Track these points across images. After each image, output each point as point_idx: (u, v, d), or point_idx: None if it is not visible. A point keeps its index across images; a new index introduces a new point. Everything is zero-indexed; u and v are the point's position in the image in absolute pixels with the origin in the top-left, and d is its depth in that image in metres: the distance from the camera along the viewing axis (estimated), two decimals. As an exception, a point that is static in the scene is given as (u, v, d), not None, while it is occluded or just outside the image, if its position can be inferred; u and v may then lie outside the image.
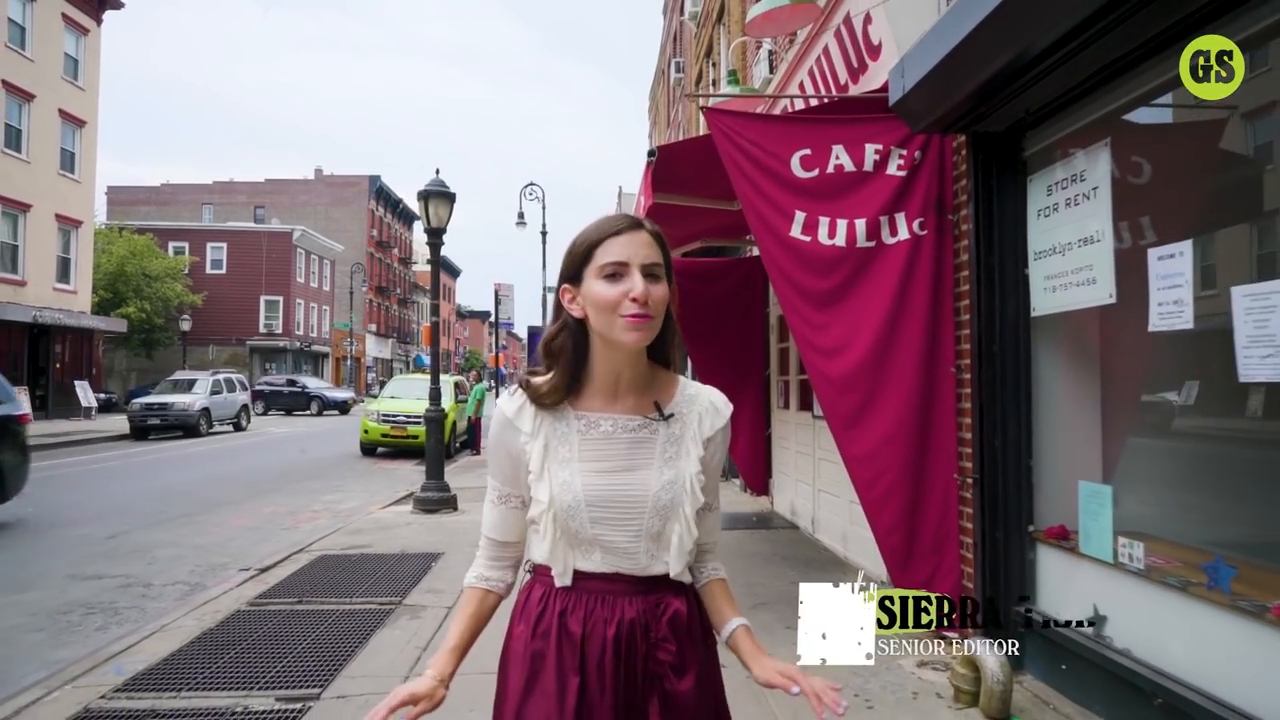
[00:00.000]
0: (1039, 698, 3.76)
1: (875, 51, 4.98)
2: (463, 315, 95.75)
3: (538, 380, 1.57)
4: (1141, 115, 3.50)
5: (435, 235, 9.46)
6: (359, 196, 59.72)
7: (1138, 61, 3.26)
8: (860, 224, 4.45)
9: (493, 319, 70.66)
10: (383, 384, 31.45)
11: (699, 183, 5.41)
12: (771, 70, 8.62)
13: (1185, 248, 3.00)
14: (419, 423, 17.12)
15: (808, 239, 4.44)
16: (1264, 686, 2.63)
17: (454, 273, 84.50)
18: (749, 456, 9.35)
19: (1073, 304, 3.71)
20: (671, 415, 1.57)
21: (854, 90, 5.37)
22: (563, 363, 1.55)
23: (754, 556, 6.90)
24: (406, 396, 18.63)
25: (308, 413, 37.35)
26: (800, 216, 4.46)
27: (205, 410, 23.84)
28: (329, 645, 4.68)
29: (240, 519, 9.93)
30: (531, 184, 26.59)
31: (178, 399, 23.47)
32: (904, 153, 4.50)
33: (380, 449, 18.06)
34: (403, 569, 6.60)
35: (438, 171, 9.62)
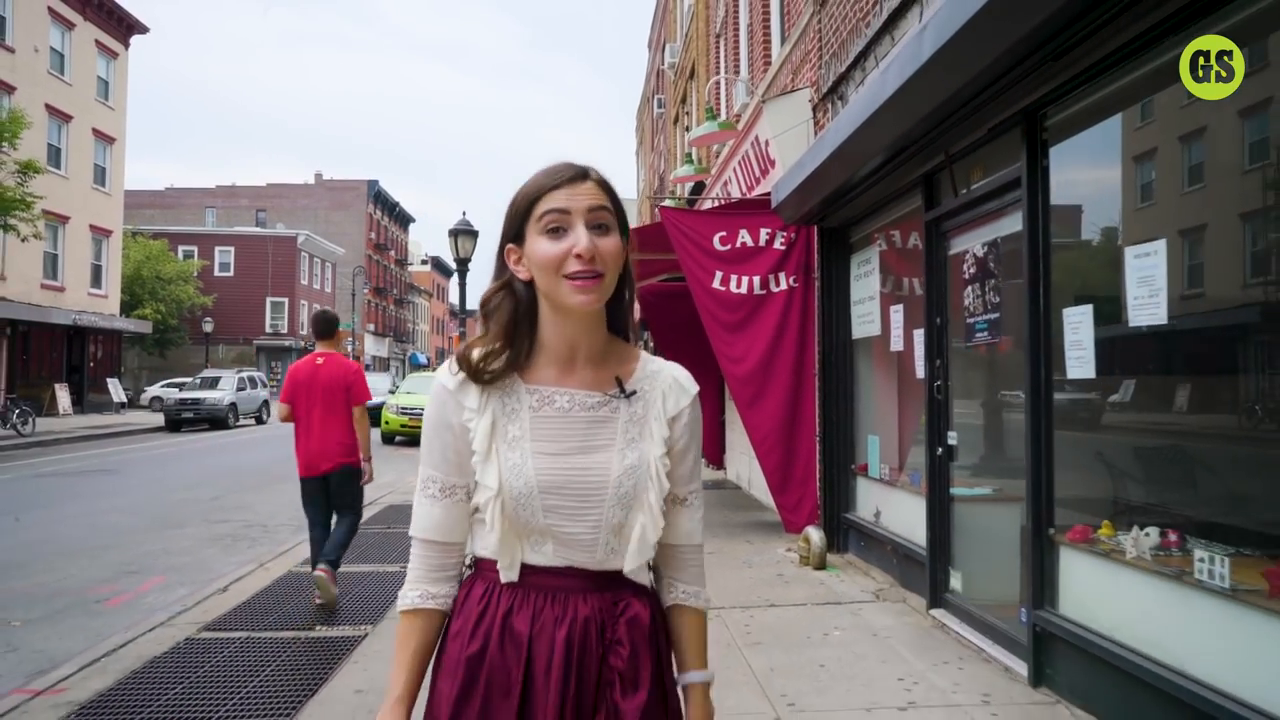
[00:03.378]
0: (849, 562, 6.45)
1: (773, 163, 7.64)
2: (456, 315, 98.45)
3: (475, 351, 1.36)
4: (894, 232, 6.17)
5: (462, 264, 12.13)
6: (357, 200, 62.08)
7: (889, 202, 5.94)
8: (756, 279, 7.11)
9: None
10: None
11: (658, 245, 8.06)
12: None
13: (902, 306, 5.68)
14: (433, 414, 19.88)
15: (723, 289, 7.11)
16: (914, 524, 5.31)
17: (447, 273, 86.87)
18: (710, 437, 12.04)
19: (867, 334, 6.40)
20: (634, 393, 1.38)
21: (764, 182, 8.03)
22: (500, 325, 1.36)
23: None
24: (422, 392, 21.23)
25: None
26: (718, 274, 7.12)
27: (233, 405, 26.40)
28: (420, 546, 7.33)
29: (305, 488, 12.52)
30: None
31: (208, 394, 26.00)
32: (785, 235, 7.17)
33: (399, 438, 20.64)
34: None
35: (464, 213, 12.25)
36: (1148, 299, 3.16)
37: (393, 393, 23.06)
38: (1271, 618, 2.63)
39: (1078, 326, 3.60)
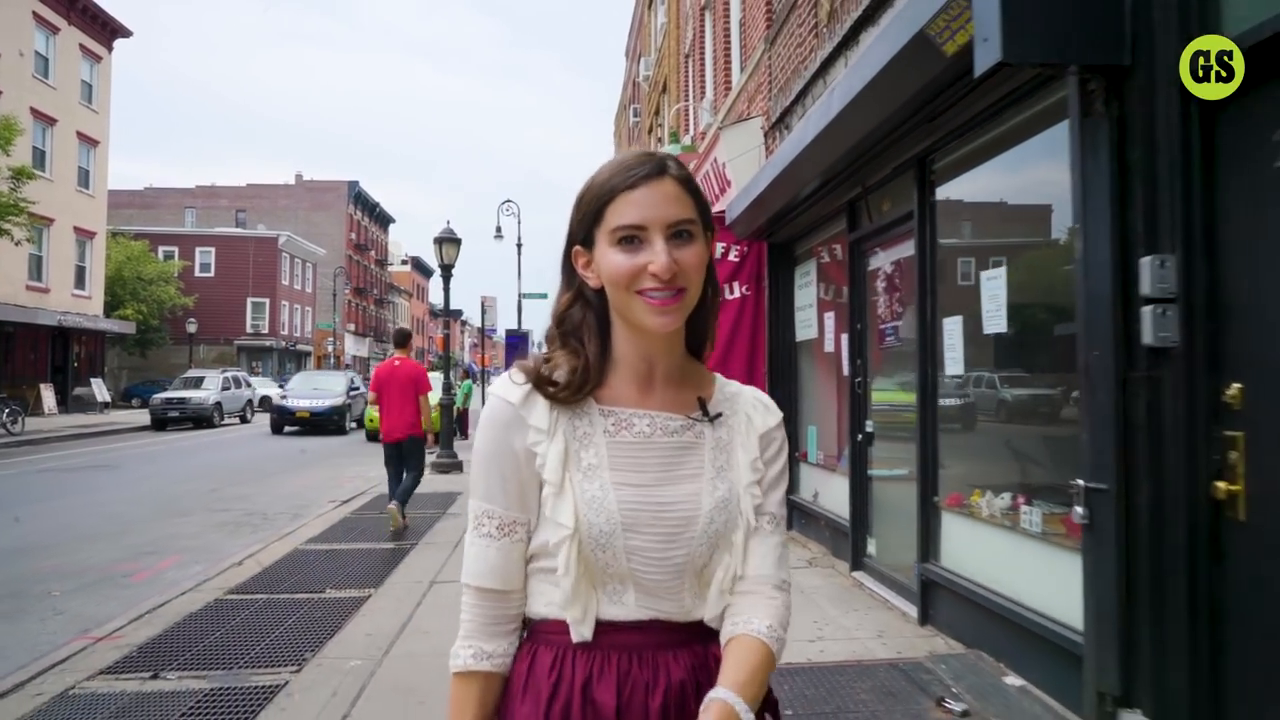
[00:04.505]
0: (791, 538, 7.32)
1: (729, 183, 8.50)
2: (436, 315, 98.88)
3: (554, 368, 1.19)
4: (827, 249, 7.05)
5: (446, 270, 12.91)
6: (338, 201, 62.44)
7: (823, 222, 6.82)
8: (713, 288, 7.98)
9: (464, 318, 72.84)
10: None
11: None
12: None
13: (833, 313, 6.57)
14: (416, 413, 20.59)
15: (683, 296, 7.97)
16: (842, 501, 6.18)
17: (427, 273, 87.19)
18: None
19: (808, 337, 7.29)
20: (719, 415, 1.25)
21: (722, 200, 8.89)
22: (589, 345, 1.21)
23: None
24: (404, 391, 21.97)
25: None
26: (679, 284, 7.98)
27: (218, 404, 26.97)
28: (412, 528, 8.13)
29: (296, 482, 13.25)
30: (508, 201, 29.98)
31: (194, 394, 26.55)
32: (739, 248, 8.04)
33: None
34: (436, 501, 10.04)
35: (448, 222, 13.05)
36: (995, 312, 4.04)
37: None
38: (1063, 551, 3.51)
39: (952, 333, 4.48)
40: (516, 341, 26.50)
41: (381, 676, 4.14)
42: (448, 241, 12.74)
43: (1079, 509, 2.95)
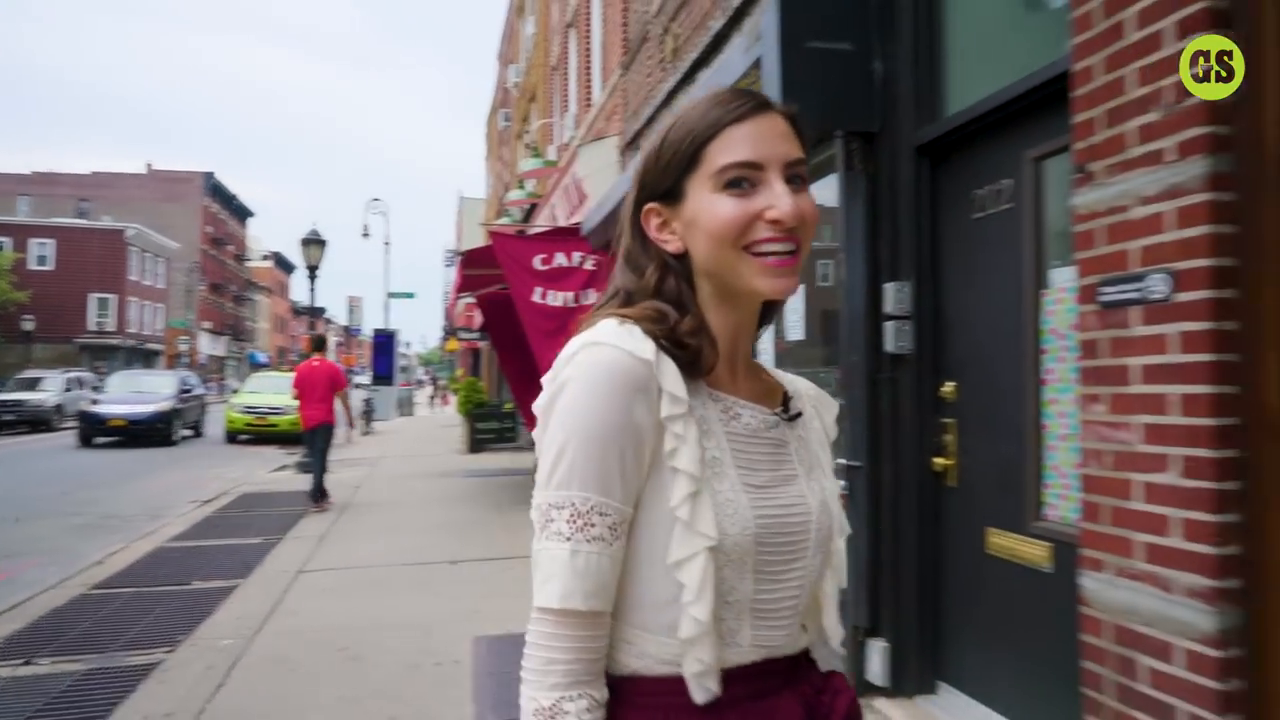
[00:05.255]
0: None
1: (586, 196, 9.12)
2: (299, 312, 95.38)
3: (679, 321, 0.96)
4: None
5: (312, 271, 13.00)
6: (193, 193, 59.62)
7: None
8: (570, 294, 8.57)
9: (328, 316, 70.95)
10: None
11: (489, 262, 9.42)
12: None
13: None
14: (279, 412, 20.16)
15: (542, 301, 8.53)
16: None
17: (289, 269, 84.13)
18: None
19: (656, 340, 7.99)
20: (799, 414, 1.06)
21: (580, 211, 9.51)
22: (688, 320, 0.96)
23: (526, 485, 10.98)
24: (265, 391, 21.52)
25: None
26: (539, 290, 8.53)
27: (58, 406, 25.50)
28: (277, 524, 8.35)
29: (154, 484, 12.99)
30: (376, 199, 29.67)
31: (30, 396, 25.04)
32: (595, 258, 8.66)
33: (243, 436, 20.83)
34: (299, 498, 10.18)
35: (314, 224, 13.14)
36: (796, 323, 4.80)
37: (235, 392, 23.14)
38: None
39: (764, 339, 5.23)
40: (384, 340, 26.32)
41: (254, 651, 4.51)
42: (313, 243, 12.84)
43: (842, 482, 3.70)
